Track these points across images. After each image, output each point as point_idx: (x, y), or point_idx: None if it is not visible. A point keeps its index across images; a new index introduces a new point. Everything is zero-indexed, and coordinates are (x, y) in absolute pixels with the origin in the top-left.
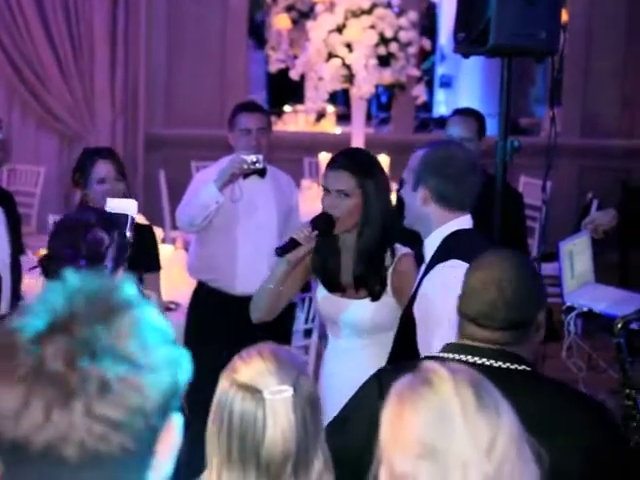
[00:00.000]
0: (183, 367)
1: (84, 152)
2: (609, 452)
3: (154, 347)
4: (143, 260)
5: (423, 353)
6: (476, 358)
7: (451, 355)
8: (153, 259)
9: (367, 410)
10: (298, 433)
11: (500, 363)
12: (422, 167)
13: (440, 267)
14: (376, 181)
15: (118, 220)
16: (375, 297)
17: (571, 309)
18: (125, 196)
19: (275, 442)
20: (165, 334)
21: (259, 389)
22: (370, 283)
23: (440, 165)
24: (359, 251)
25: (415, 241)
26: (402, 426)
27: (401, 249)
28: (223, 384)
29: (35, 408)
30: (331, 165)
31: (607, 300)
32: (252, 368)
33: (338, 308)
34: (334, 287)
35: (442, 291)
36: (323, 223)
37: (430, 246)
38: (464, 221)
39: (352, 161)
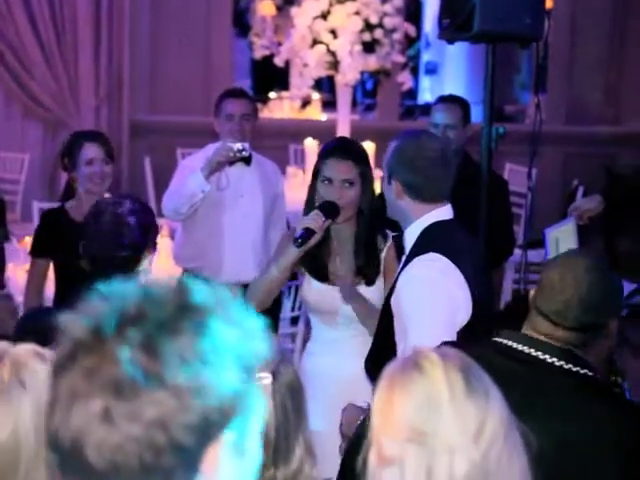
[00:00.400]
0: (248, 400)
1: (72, 135)
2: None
3: (193, 367)
4: None
5: (399, 345)
6: (539, 353)
7: (521, 347)
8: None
9: None
10: (277, 420)
11: (562, 362)
12: (393, 160)
13: (417, 261)
14: (369, 170)
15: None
16: (371, 282)
17: None
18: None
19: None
20: (234, 358)
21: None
22: (369, 269)
23: (410, 158)
24: (359, 239)
25: (398, 229)
26: (392, 409)
27: (391, 234)
28: None
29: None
30: (334, 155)
31: None
32: None
33: (335, 298)
34: (324, 277)
35: (418, 286)
36: (333, 211)
37: (409, 238)
38: (442, 212)
39: (353, 151)
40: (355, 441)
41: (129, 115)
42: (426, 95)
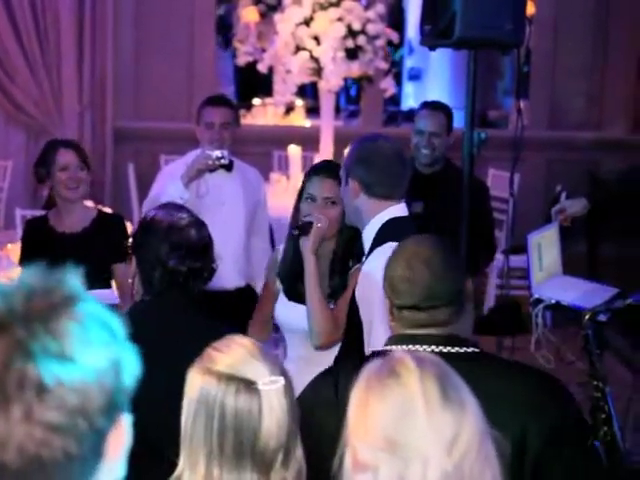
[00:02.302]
0: (129, 366)
1: (45, 145)
2: (567, 429)
3: (96, 346)
4: (112, 250)
5: (366, 337)
6: (434, 347)
7: (401, 347)
8: (121, 248)
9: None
10: (288, 422)
11: (449, 348)
12: (350, 160)
13: (377, 252)
14: None
15: None
16: (337, 298)
17: (539, 301)
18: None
19: (271, 432)
20: (111, 331)
21: (252, 381)
22: (340, 290)
23: (366, 156)
24: (334, 260)
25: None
26: (367, 416)
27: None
28: (204, 378)
29: None
30: (318, 173)
31: (575, 292)
32: (238, 360)
33: (302, 315)
34: (296, 296)
35: (379, 276)
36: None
37: (367, 237)
38: (397, 209)
39: (337, 171)
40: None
41: (112, 122)
42: (409, 101)
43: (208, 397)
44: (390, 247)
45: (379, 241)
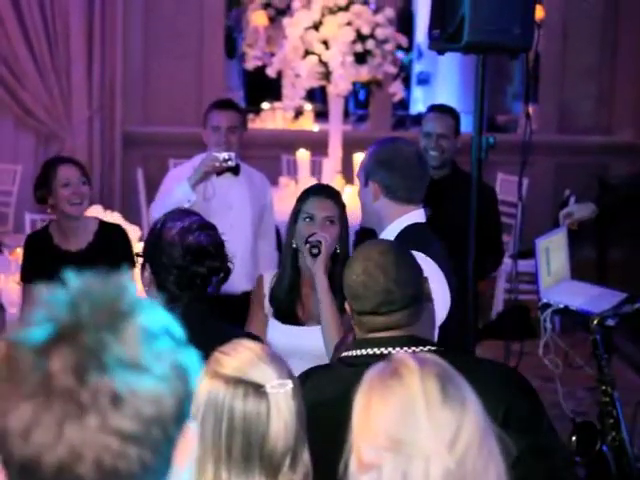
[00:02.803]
0: (194, 371)
1: (43, 164)
2: (528, 416)
3: (165, 353)
4: (114, 261)
5: None
6: (390, 349)
7: (364, 351)
8: (124, 258)
9: None
10: (296, 425)
11: (414, 348)
12: (370, 162)
13: None
14: (345, 213)
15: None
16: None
17: (547, 306)
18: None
19: (278, 435)
20: (175, 338)
21: (261, 384)
22: (341, 310)
23: (386, 159)
24: (333, 281)
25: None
26: (370, 417)
27: None
28: (212, 382)
29: (45, 425)
30: (316, 194)
31: (583, 297)
32: (246, 363)
33: (304, 338)
34: (291, 319)
35: None
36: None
37: None
38: (416, 215)
39: (332, 192)
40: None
41: (122, 126)
42: (418, 105)
43: (216, 400)
44: None
45: None
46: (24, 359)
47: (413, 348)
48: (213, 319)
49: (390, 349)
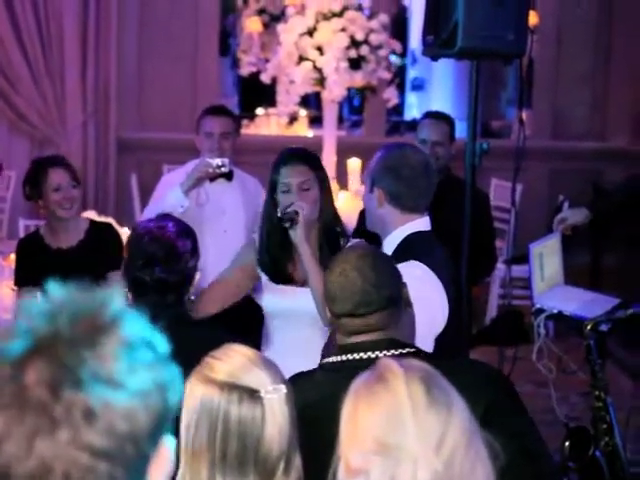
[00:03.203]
0: (175, 388)
1: (33, 163)
2: (502, 405)
3: (143, 368)
4: (106, 258)
5: None
6: (370, 353)
7: (344, 357)
8: (116, 256)
9: None
10: (289, 429)
11: (393, 351)
12: (377, 168)
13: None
14: (325, 173)
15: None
16: None
17: (541, 311)
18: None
19: (273, 439)
20: (155, 352)
21: (255, 389)
22: None
23: (393, 166)
24: (322, 245)
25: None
26: (357, 423)
27: (354, 240)
28: (205, 387)
29: (16, 437)
30: (288, 162)
31: (577, 302)
32: (240, 368)
33: (296, 297)
34: (286, 280)
35: None
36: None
37: (388, 247)
38: (421, 223)
39: (306, 156)
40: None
41: (116, 132)
42: (413, 111)
43: (211, 406)
44: (410, 266)
45: (400, 255)
46: (0, 371)
47: (392, 351)
48: (183, 326)
49: (370, 354)
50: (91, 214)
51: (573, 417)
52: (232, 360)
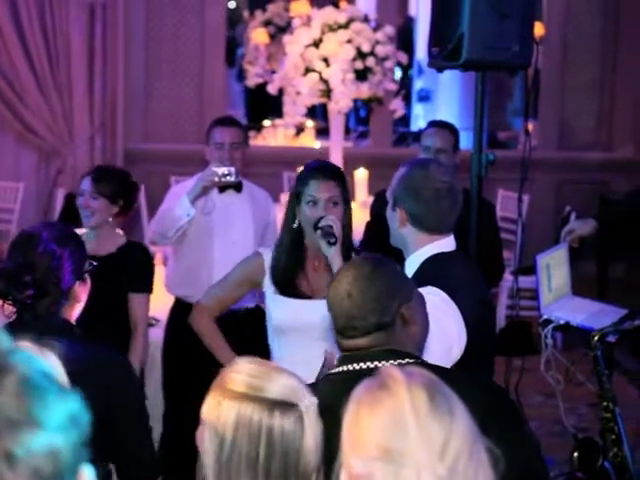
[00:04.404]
0: (83, 414)
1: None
2: (498, 415)
3: (53, 402)
4: (130, 277)
5: None
6: (368, 363)
7: (345, 367)
8: (141, 278)
9: None
10: (322, 441)
11: (392, 361)
12: (399, 188)
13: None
14: (348, 191)
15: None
16: None
17: (548, 322)
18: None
19: (311, 452)
20: (59, 384)
21: (295, 403)
22: None
23: (416, 187)
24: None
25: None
26: (359, 429)
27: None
28: (241, 405)
29: None
30: (317, 176)
31: (584, 313)
32: (280, 384)
33: (312, 313)
34: (297, 294)
35: None
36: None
37: (409, 268)
38: (444, 244)
39: (334, 171)
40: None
41: (123, 144)
42: (419, 122)
43: (251, 423)
44: (429, 293)
45: (420, 279)
46: None
47: (391, 361)
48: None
49: (369, 363)
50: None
51: (581, 428)
52: (262, 374)
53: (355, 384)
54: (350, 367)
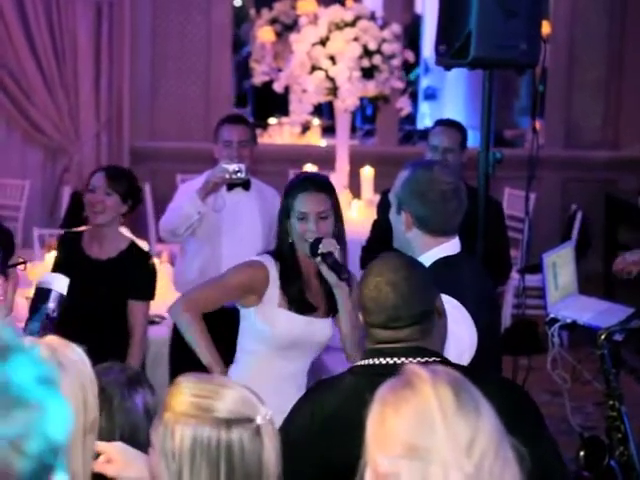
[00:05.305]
0: (56, 419)
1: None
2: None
3: (11, 409)
4: (131, 284)
5: None
6: (396, 359)
7: (371, 361)
8: (142, 286)
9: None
10: (280, 449)
11: (419, 358)
12: (404, 191)
13: None
14: (337, 200)
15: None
16: (335, 313)
17: (555, 321)
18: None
19: (271, 463)
20: (37, 385)
21: (250, 417)
22: (335, 302)
23: (421, 190)
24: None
25: None
26: (384, 428)
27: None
28: (196, 427)
29: None
30: (305, 189)
31: (591, 311)
32: (229, 400)
33: (316, 328)
34: (307, 309)
35: None
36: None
37: None
38: (450, 246)
39: (322, 183)
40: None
41: (129, 141)
42: (425, 120)
43: (209, 445)
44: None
45: None
46: None
47: (419, 359)
48: None
49: (396, 359)
50: (123, 230)
51: (588, 427)
52: (210, 393)
53: (379, 379)
54: (376, 361)
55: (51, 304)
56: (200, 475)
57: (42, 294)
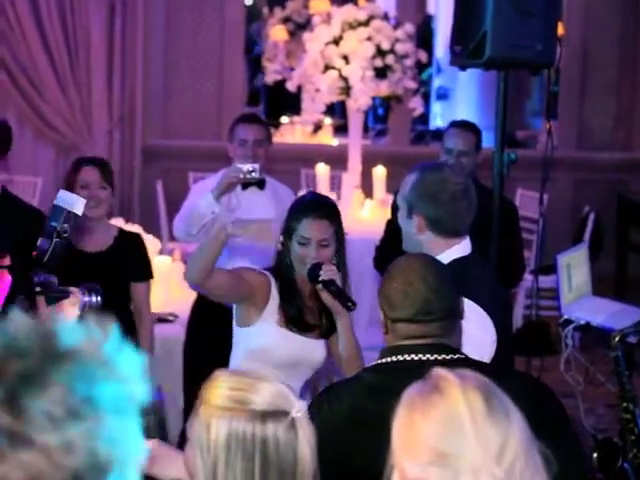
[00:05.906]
0: (106, 437)
1: (72, 162)
2: (551, 419)
3: (61, 422)
4: (130, 268)
5: None
6: (420, 355)
7: (390, 358)
8: (141, 267)
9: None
10: (315, 444)
11: (444, 355)
12: (414, 194)
13: None
14: (341, 226)
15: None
16: (329, 335)
17: (568, 322)
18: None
19: (306, 457)
20: (109, 406)
21: (286, 410)
22: (333, 326)
23: (432, 193)
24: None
25: None
26: (413, 433)
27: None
28: (230, 421)
29: None
30: (309, 214)
31: (604, 313)
32: (265, 393)
33: (313, 349)
34: (306, 329)
35: None
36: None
37: None
38: (462, 248)
39: (327, 209)
40: None
41: (142, 139)
42: (437, 120)
43: (244, 439)
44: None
45: None
46: None
47: (444, 356)
48: None
49: (420, 356)
50: (119, 222)
51: (601, 429)
52: (246, 386)
53: (404, 375)
54: (400, 357)
55: (65, 224)
56: (235, 469)
57: (57, 212)
